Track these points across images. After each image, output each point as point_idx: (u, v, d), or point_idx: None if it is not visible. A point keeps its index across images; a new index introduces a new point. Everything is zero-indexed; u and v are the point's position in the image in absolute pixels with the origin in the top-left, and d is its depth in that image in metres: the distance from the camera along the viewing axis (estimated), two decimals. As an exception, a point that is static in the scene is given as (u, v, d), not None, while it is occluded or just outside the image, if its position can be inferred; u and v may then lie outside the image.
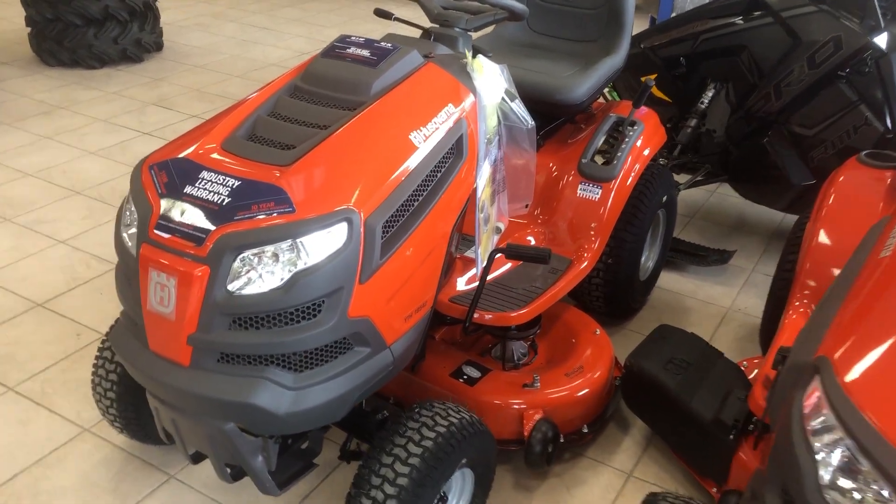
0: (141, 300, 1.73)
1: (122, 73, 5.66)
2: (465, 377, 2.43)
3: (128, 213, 1.83)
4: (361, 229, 1.71)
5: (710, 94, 3.51)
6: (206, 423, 1.79)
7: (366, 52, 2.04)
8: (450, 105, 2.06)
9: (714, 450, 2.21)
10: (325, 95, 1.96)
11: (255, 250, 1.65)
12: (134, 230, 1.78)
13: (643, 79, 3.50)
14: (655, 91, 3.67)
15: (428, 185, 1.95)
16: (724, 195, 4.20)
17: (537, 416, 2.33)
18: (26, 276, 3.27)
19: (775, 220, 3.97)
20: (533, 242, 2.80)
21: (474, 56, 2.21)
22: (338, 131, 1.83)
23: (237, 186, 1.72)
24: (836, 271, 2.09)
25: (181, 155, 1.83)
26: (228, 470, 1.96)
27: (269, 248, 1.65)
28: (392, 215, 1.80)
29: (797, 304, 2.37)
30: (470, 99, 2.13)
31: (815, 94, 3.17)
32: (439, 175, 1.99)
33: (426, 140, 1.94)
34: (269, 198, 1.69)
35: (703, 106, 3.52)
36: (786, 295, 2.45)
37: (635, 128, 2.91)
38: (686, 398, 2.27)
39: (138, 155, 4.32)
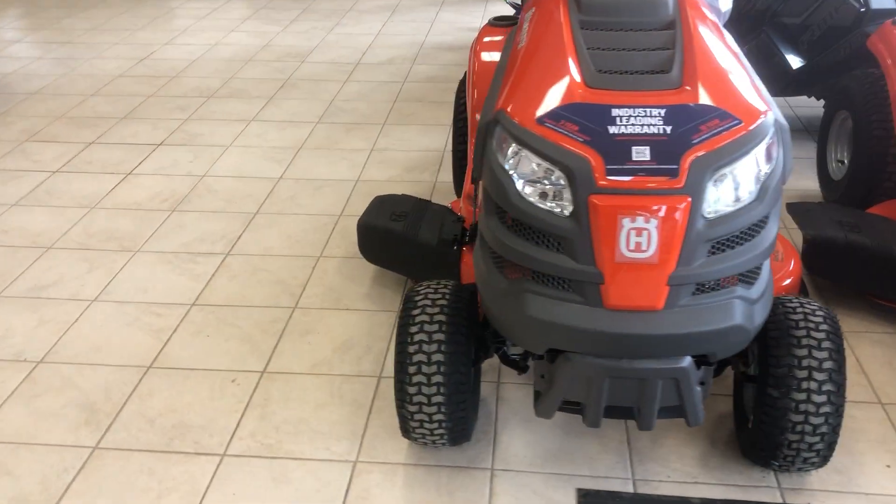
0: (604, 254, 1.64)
1: (-53, 120, 4.69)
2: None
3: (532, 173, 1.70)
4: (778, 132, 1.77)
5: None
6: (664, 368, 1.75)
7: None
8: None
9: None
10: (630, 21, 1.96)
11: (727, 169, 1.64)
12: (557, 187, 1.66)
13: None
14: None
15: None
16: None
17: None
18: (88, 357, 2.73)
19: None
20: None
21: None
22: (692, 51, 1.85)
23: (667, 114, 1.69)
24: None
25: (565, 103, 1.73)
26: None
27: (738, 163, 1.65)
28: None
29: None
30: None
31: None
32: None
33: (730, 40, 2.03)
34: (710, 116, 1.69)
35: None
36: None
37: None
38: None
39: (67, 195, 3.71)
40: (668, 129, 1.67)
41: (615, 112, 1.72)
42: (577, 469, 2.20)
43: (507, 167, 1.75)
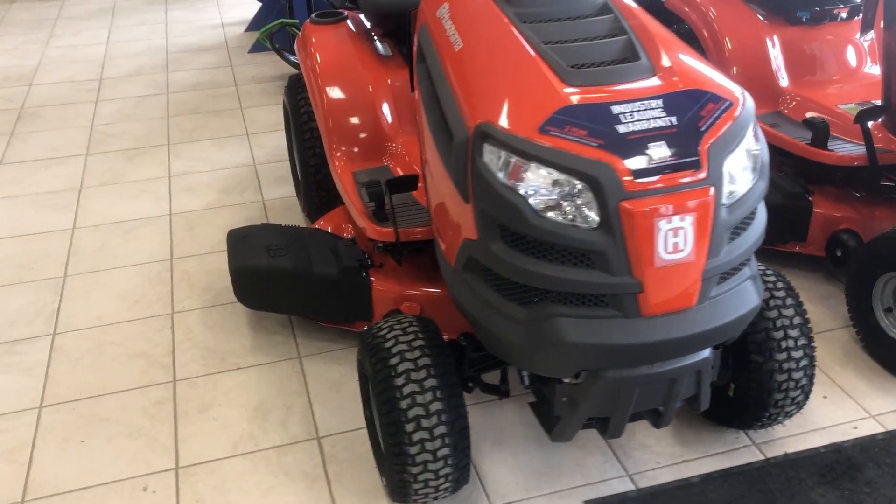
0: (642, 261, 1.54)
1: None
2: None
3: (547, 188, 1.53)
4: None
5: None
6: (692, 363, 1.70)
7: None
8: None
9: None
10: (564, 10, 1.85)
11: (735, 151, 1.61)
12: (579, 199, 1.52)
13: None
14: None
15: None
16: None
17: None
18: None
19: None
20: None
21: None
22: (643, 36, 1.79)
23: (665, 104, 1.62)
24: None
25: (561, 106, 1.58)
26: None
27: (742, 144, 1.63)
28: None
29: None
30: None
31: None
32: None
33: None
34: (704, 101, 1.64)
35: None
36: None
37: None
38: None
39: None
40: (674, 119, 1.59)
41: (616, 109, 1.59)
42: (573, 481, 2.09)
43: (514, 185, 1.56)
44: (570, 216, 1.54)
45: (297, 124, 2.97)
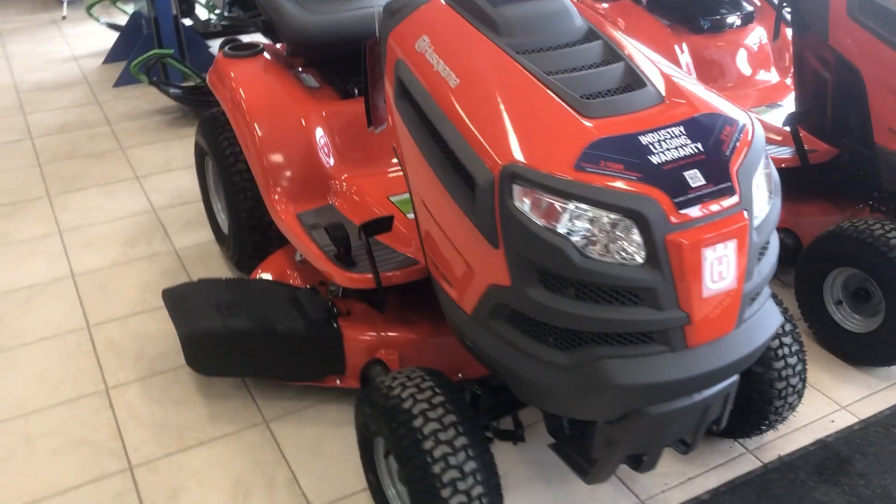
0: (690, 293, 1.50)
1: None
2: None
3: (590, 227, 1.47)
4: None
5: None
6: (725, 387, 1.69)
7: None
8: None
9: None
10: (552, 38, 1.78)
11: (756, 172, 1.61)
12: (624, 235, 1.47)
13: None
14: None
15: None
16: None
17: None
18: None
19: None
20: None
21: None
22: (637, 60, 1.76)
23: (687, 131, 1.59)
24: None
25: (591, 140, 1.52)
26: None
27: (760, 164, 1.63)
28: None
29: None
30: None
31: None
32: None
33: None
34: (721, 124, 1.64)
35: None
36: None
37: None
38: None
39: None
40: (699, 146, 1.56)
41: (644, 140, 1.54)
42: (590, 516, 2.04)
43: (553, 227, 1.48)
44: (615, 254, 1.49)
45: (222, 167, 2.74)
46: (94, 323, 2.75)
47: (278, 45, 2.90)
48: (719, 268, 1.52)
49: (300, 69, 2.80)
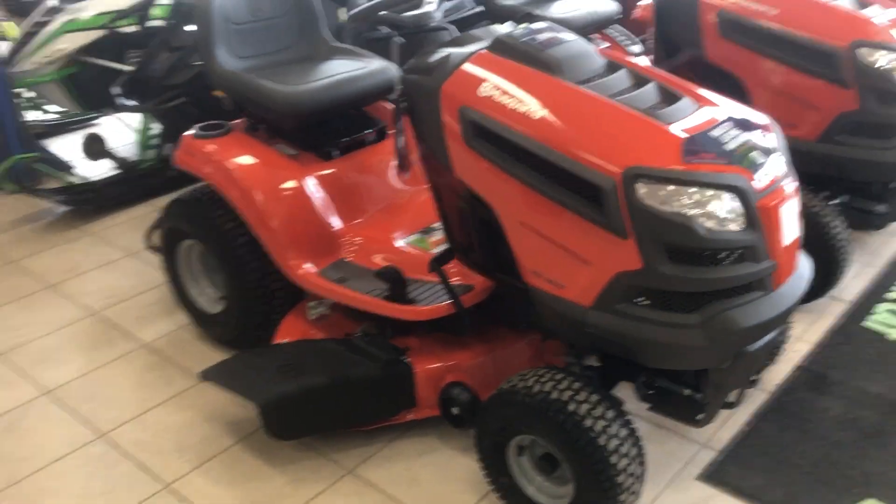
0: (775, 244, 1.92)
1: None
2: None
3: (705, 205, 1.84)
4: None
5: None
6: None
7: (552, 34, 2.18)
8: None
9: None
10: (590, 71, 2.14)
11: (783, 147, 2.06)
12: (729, 208, 1.85)
13: None
14: None
15: None
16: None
17: None
18: None
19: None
20: None
21: None
22: (662, 80, 2.15)
23: (734, 125, 2.01)
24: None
25: (685, 138, 1.90)
26: None
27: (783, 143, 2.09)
28: None
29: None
30: None
31: None
32: None
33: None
34: (751, 119, 2.06)
35: None
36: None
37: None
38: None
39: None
40: (747, 135, 1.98)
41: (713, 133, 1.93)
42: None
43: (679, 210, 1.82)
44: (726, 223, 1.86)
45: (219, 244, 2.75)
46: (108, 430, 2.61)
47: (236, 122, 2.95)
48: (790, 222, 1.95)
49: (268, 142, 2.89)
